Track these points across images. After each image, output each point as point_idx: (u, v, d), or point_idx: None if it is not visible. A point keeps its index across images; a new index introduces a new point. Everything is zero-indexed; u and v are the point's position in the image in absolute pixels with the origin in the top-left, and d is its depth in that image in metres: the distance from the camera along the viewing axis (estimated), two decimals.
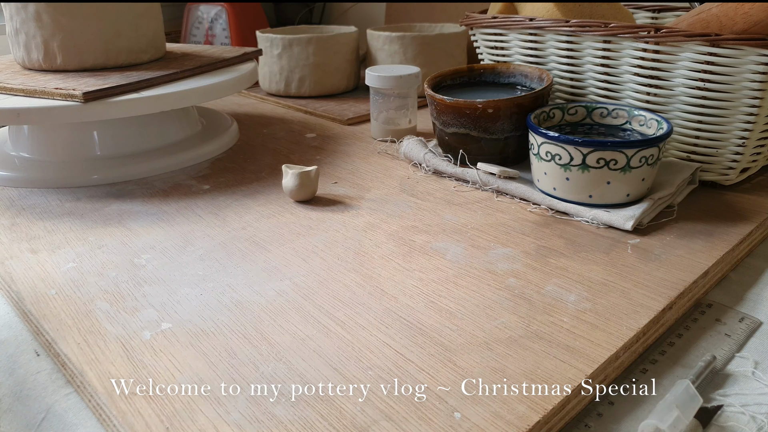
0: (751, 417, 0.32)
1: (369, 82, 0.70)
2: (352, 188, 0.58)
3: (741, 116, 0.51)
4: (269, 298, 0.40)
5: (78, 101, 0.55)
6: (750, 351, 0.37)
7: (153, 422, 0.29)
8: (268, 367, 0.33)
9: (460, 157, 0.59)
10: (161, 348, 0.35)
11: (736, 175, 0.55)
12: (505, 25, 0.64)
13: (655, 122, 0.52)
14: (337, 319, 0.37)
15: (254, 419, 0.29)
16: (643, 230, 0.48)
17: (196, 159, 0.66)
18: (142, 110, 0.58)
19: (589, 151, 0.47)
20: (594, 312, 0.37)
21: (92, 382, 0.32)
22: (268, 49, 0.90)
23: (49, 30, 0.62)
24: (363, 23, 1.33)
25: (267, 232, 0.49)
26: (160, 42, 0.70)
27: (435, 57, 0.89)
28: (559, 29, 0.59)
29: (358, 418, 0.29)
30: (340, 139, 0.73)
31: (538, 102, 0.57)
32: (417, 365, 0.33)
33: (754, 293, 0.43)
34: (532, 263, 0.43)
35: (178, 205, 0.55)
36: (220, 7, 1.09)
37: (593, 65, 0.59)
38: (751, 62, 0.48)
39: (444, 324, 0.36)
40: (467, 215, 0.51)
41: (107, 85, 0.57)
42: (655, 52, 0.53)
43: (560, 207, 0.51)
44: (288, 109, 0.89)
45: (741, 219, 0.49)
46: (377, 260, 0.44)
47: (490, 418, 0.29)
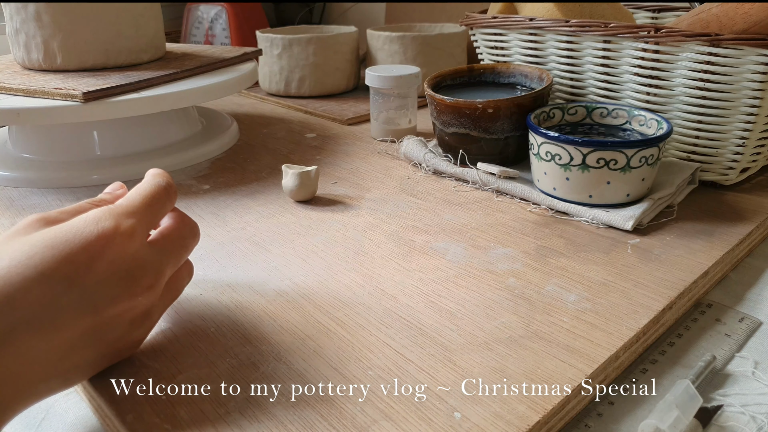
0: (751, 417, 0.32)
1: (369, 82, 0.70)
2: (352, 188, 0.58)
3: (741, 116, 0.51)
4: (269, 298, 0.40)
5: (78, 101, 0.55)
6: (750, 351, 0.37)
7: (154, 422, 0.29)
8: (268, 367, 0.33)
9: (460, 157, 0.59)
10: (161, 348, 0.35)
11: (736, 175, 0.55)
12: (505, 25, 0.64)
13: (655, 122, 0.52)
14: (337, 319, 0.37)
15: (254, 419, 0.29)
16: (643, 230, 0.48)
17: (196, 159, 0.66)
18: (142, 110, 0.58)
19: (589, 151, 0.47)
20: (594, 312, 0.37)
21: (92, 382, 0.32)
22: (268, 49, 0.90)
23: (49, 30, 0.61)
24: (363, 23, 1.33)
25: (267, 232, 0.49)
26: (160, 42, 0.70)
27: (435, 57, 0.89)
28: (559, 29, 0.59)
29: (358, 418, 0.29)
30: (340, 139, 0.73)
31: (538, 102, 0.57)
32: (417, 365, 0.33)
33: (754, 293, 0.43)
34: (532, 263, 0.43)
35: (178, 205, 0.54)
36: (220, 7, 1.09)
37: (593, 65, 0.59)
38: (751, 62, 0.48)
39: (444, 324, 0.36)
40: (467, 215, 0.51)
41: (107, 85, 0.57)
42: (655, 52, 0.53)
43: (560, 207, 0.51)
44: (288, 109, 0.89)
45: (741, 219, 0.49)
46: (377, 260, 0.44)
47: (490, 418, 0.29)
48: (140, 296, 0.30)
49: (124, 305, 0.29)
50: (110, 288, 0.29)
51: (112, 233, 0.29)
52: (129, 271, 0.29)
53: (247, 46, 1.08)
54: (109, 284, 0.29)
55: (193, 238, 0.36)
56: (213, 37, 1.12)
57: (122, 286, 0.29)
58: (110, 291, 0.29)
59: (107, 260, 0.28)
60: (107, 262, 0.28)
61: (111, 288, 0.29)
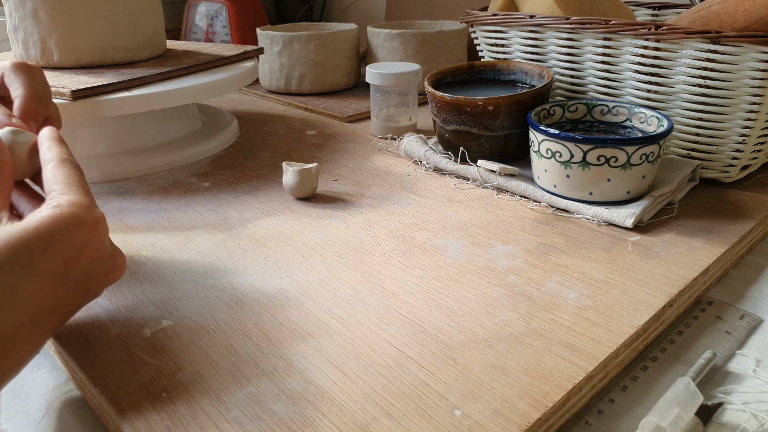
0: (752, 414, 0.32)
1: (369, 80, 0.70)
2: (352, 185, 0.58)
3: (741, 113, 0.51)
4: (269, 296, 0.40)
5: (66, 99, 0.54)
6: (751, 348, 0.37)
7: (153, 420, 0.29)
8: (269, 364, 0.33)
9: (461, 154, 0.59)
10: (162, 345, 0.35)
11: (736, 173, 0.55)
12: (505, 22, 0.64)
13: (656, 119, 0.52)
14: (337, 316, 0.37)
15: (254, 416, 0.29)
16: (644, 227, 0.48)
17: (197, 156, 0.66)
18: (132, 109, 0.57)
19: (589, 148, 0.47)
20: (594, 309, 0.37)
21: (92, 379, 0.32)
22: (268, 46, 0.90)
23: (46, 27, 0.61)
24: (363, 20, 1.33)
25: (267, 230, 0.49)
26: (160, 40, 0.70)
27: (435, 54, 0.89)
28: (560, 26, 0.59)
29: (359, 415, 0.29)
30: (341, 136, 0.73)
31: (539, 99, 0.57)
32: (417, 362, 0.33)
33: (754, 290, 0.43)
34: (532, 260, 0.43)
35: (178, 203, 0.55)
36: (221, 4, 1.09)
37: (594, 62, 0.59)
38: (752, 59, 0.48)
39: (444, 321, 0.36)
40: (468, 212, 0.51)
41: (97, 83, 0.56)
42: (655, 50, 0.53)
43: (561, 204, 0.51)
44: (288, 107, 0.89)
45: (742, 216, 0.49)
46: (377, 257, 0.44)
47: (490, 415, 0.29)
48: (120, 273, 0.36)
49: (107, 282, 0.35)
50: (97, 272, 0.33)
51: (92, 227, 0.32)
52: (110, 255, 0.34)
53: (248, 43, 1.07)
54: (96, 269, 0.33)
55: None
56: (213, 35, 1.12)
57: (107, 267, 0.34)
58: (97, 275, 0.33)
59: (92, 250, 0.32)
60: (92, 251, 0.32)
61: (98, 272, 0.33)
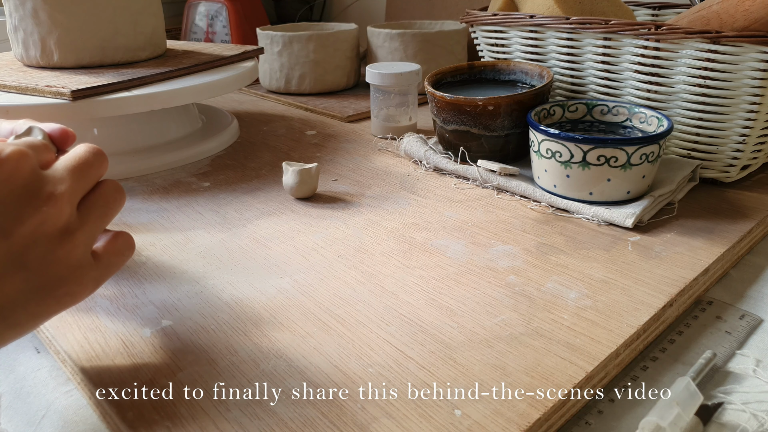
0: (752, 414, 0.32)
1: (369, 80, 0.70)
2: (352, 185, 0.58)
3: (742, 113, 0.51)
4: (269, 296, 0.40)
5: (66, 99, 0.54)
6: (751, 348, 0.37)
7: (153, 420, 0.29)
8: (269, 364, 0.33)
9: (461, 154, 0.59)
10: (162, 345, 0.35)
11: (736, 173, 0.55)
12: (505, 22, 0.64)
13: (656, 119, 0.52)
14: (337, 316, 0.37)
15: (255, 417, 0.29)
16: (644, 227, 0.48)
17: (197, 156, 0.66)
18: (132, 109, 0.57)
19: (589, 148, 0.47)
20: (594, 309, 0.37)
21: (93, 379, 0.32)
22: (268, 46, 0.90)
23: (46, 27, 0.61)
24: (363, 20, 1.33)
25: (267, 229, 0.49)
26: (160, 40, 0.70)
27: (435, 54, 0.89)
28: (560, 26, 0.58)
29: (359, 415, 0.29)
30: (341, 136, 0.73)
31: (539, 99, 0.57)
32: (417, 362, 0.33)
33: (754, 290, 0.43)
34: (532, 260, 0.43)
35: (178, 202, 0.55)
36: (221, 4, 1.09)
37: (594, 62, 0.59)
38: (752, 59, 0.48)
39: (444, 321, 0.36)
40: (468, 212, 0.51)
41: (97, 83, 0.56)
42: (655, 50, 0.53)
43: (561, 204, 0.51)
44: (288, 107, 0.89)
45: (742, 216, 0.49)
46: (377, 257, 0.44)
47: (490, 415, 0.29)
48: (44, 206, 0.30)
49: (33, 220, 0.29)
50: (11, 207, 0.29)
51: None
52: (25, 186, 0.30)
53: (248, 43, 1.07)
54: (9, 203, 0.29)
55: (101, 164, 0.34)
56: (213, 35, 1.12)
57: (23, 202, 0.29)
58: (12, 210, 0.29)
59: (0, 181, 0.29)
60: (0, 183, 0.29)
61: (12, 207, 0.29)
